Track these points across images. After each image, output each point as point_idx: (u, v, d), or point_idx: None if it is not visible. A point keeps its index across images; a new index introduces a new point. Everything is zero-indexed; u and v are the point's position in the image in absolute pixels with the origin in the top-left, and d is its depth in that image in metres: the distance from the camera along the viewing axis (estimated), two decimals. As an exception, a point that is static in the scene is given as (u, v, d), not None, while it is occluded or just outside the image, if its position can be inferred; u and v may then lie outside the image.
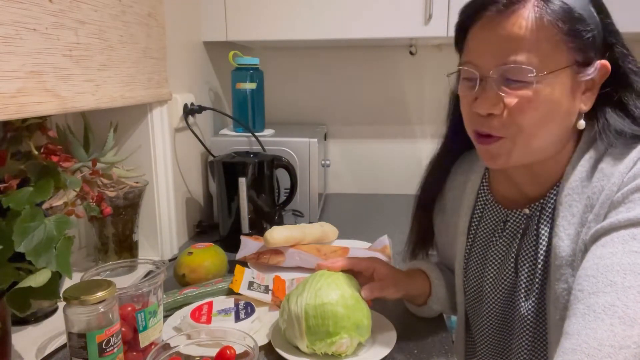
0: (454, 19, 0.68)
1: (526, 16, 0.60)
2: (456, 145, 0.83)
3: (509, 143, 0.65)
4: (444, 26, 1.29)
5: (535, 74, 0.60)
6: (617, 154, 0.63)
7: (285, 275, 0.95)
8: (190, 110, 1.23)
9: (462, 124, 0.73)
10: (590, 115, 0.66)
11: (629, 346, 0.48)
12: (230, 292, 0.87)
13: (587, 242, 0.61)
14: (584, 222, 0.63)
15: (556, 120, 0.64)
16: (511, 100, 0.62)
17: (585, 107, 0.65)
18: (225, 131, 1.40)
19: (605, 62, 0.63)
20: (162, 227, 1.11)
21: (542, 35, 0.60)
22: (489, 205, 0.78)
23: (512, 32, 0.61)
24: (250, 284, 0.87)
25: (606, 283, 0.53)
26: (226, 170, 1.13)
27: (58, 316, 0.83)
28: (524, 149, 0.65)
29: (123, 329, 0.63)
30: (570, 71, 0.62)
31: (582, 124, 0.66)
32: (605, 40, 0.64)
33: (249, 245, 1.04)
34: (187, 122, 1.22)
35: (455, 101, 0.77)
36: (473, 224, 0.80)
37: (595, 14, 0.62)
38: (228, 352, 0.59)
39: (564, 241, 0.64)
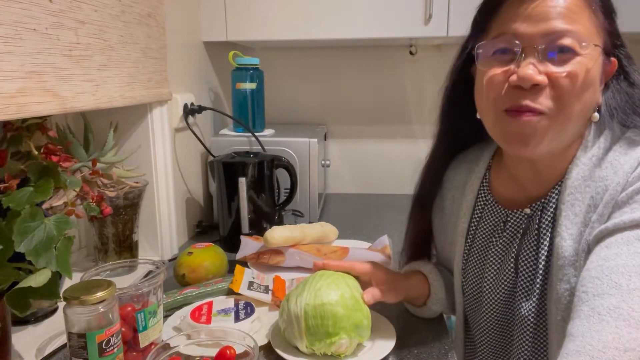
0: (454, 19, 0.67)
1: None
2: (450, 145, 0.82)
3: (546, 121, 0.62)
4: (444, 26, 1.29)
5: (585, 42, 0.60)
6: (620, 153, 0.63)
7: (285, 275, 0.95)
8: (190, 110, 1.23)
9: (458, 121, 0.73)
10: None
11: (634, 349, 0.47)
12: (230, 292, 0.87)
13: (591, 243, 0.60)
14: (587, 222, 0.63)
15: (589, 103, 0.64)
16: (559, 72, 0.60)
17: (600, 98, 0.66)
18: (225, 131, 1.40)
19: (614, 59, 0.65)
20: (162, 227, 1.11)
21: (588, 11, 0.61)
22: (488, 206, 0.78)
23: (562, 3, 0.60)
24: (250, 284, 0.87)
25: (611, 285, 0.52)
26: (226, 170, 1.13)
27: (58, 316, 0.83)
28: (558, 131, 0.63)
29: (123, 329, 0.63)
30: (602, 55, 0.63)
31: (596, 116, 0.66)
32: (613, 40, 0.65)
33: (249, 245, 1.04)
34: (187, 122, 1.22)
35: (450, 98, 0.77)
36: (472, 225, 0.80)
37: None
38: (228, 352, 0.59)
39: (567, 241, 0.64)
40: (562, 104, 0.61)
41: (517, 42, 0.62)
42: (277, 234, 1.00)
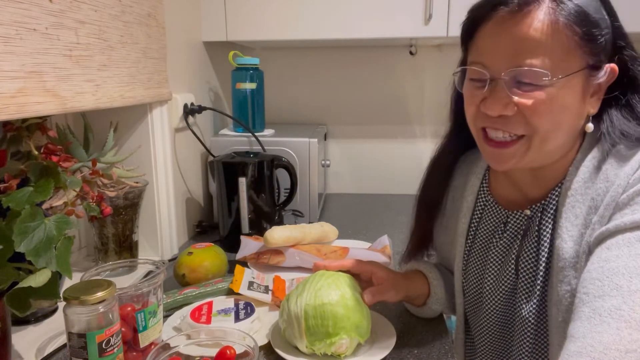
0: (454, 19, 0.67)
1: (541, 18, 0.59)
2: (458, 144, 0.82)
3: (525, 144, 0.64)
4: (444, 26, 1.29)
5: (549, 77, 0.59)
6: (621, 155, 0.63)
7: (285, 275, 0.95)
8: (190, 110, 1.23)
9: (463, 120, 0.73)
10: (595, 118, 0.66)
11: (635, 350, 0.47)
12: (230, 292, 0.87)
13: (592, 244, 0.60)
14: (588, 224, 0.62)
15: (568, 123, 0.63)
16: (525, 102, 0.61)
17: (593, 110, 0.65)
18: (225, 131, 1.40)
19: (614, 65, 0.63)
20: (162, 227, 1.11)
21: (557, 38, 0.59)
22: (489, 206, 0.78)
23: (526, 33, 0.59)
24: (250, 284, 0.87)
25: (612, 286, 0.52)
26: (226, 170, 1.13)
27: (58, 316, 0.83)
28: (537, 151, 0.64)
29: (123, 329, 0.63)
30: (582, 75, 0.61)
31: (590, 127, 0.65)
32: (615, 43, 0.63)
33: (249, 245, 1.04)
34: (187, 122, 1.22)
35: (457, 99, 0.77)
36: (472, 226, 0.80)
37: (606, 16, 0.62)
38: (228, 352, 0.59)
39: (567, 243, 0.64)
40: (534, 129, 0.62)
41: (485, 73, 0.63)
42: (277, 234, 1.00)
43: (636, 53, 0.65)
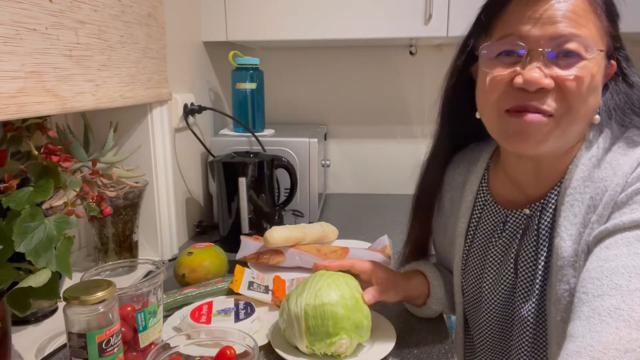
0: (454, 19, 0.67)
1: None
2: (449, 143, 0.82)
3: (552, 123, 0.62)
4: (444, 26, 1.29)
5: (591, 47, 0.60)
6: (620, 153, 0.63)
7: (285, 275, 0.95)
8: (190, 110, 1.23)
9: (455, 120, 0.73)
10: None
11: (634, 349, 0.47)
12: (230, 292, 0.87)
13: (590, 243, 0.60)
14: (587, 223, 0.62)
15: (592, 107, 0.64)
16: (567, 75, 0.60)
17: (600, 100, 0.66)
18: (225, 131, 1.40)
19: (614, 62, 0.65)
20: (162, 227, 1.11)
21: (593, 17, 0.61)
22: (488, 206, 0.78)
23: (565, 6, 0.60)
24: (250, 284, 0.87)
25: (611, 286, 0.52)
26: (226, 170, 1.13)
27: (58, 316, 0.83)
28: (561, 133, 0.63)
29: (123, 329, 0.63)
30: (604, 59, 0.63)
31: (597, 118, 0.66)
32: (614, 43, 0.66)
33: (249, 245, 1.04)
34: (187, 122, 1.22)
35: (450, 97, 0.77)
36: (472, 225, 0.80)
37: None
38: (228, 352, 0.59)
39: (566, 242, 0.64)
40: (568, 107, 0.61)
41: (522, 44, 0.62)
42: (277, 234, 1.00)
43: (629, 56, 0.68)
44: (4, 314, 0.64)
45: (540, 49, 0.60)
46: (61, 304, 0.69)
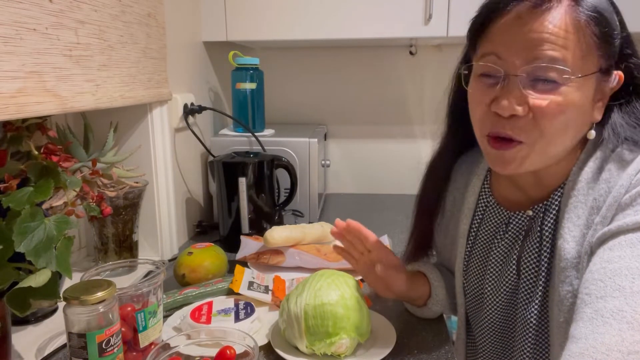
0: (454, 19, 0.66)
1: (562, 14, 0.58)
2: (456, 146, 0.82)
3: (526, 149, 0.63)
4: (444, 26, 1.29)
5: (570, 75, 0.58)
6: (624, 156, 0.62)
7: (285, 275, 0.95)
8: (190, 110, 1.23)
9: (462, 122, 0.72)
10: (597, 123, 0.66)
11: (637, 351, 0.47)
12: (230, 292, 0.87)
13: (594, 245, 0.60)
14: (590, 225, 0.62)
15: (575, 128, 0.63)
16: (540, 102, 0.59)
17: (598, 116, 0.64)
18: (225, 131, 1.40)
19: (621, 73, 0.63)
20: (162, 227, 1.11)
21: (578, 36, 0.58)
22: (490, 208, 0.78)
23: (547, 28, 0.58)
24: (250, 284, 0.87)
25: (614, 287, 0.52)
26: (226, 170, 1.13)
27: (58, 316, 0.83)
28: (539, 156, 0.64)
29: (123, 329, 0.63)
30: (595, 78, 0.61)
31: (592, 133, 0.65)
32: (622, 51, 0.63)
33: (249, 245, 1.04)
34: (187, 122, 1.22)
35: (454, 99, 0.77)
36: (474, 227, 0.80)
37: (617, 23, 0.62)
38: (228, 352, 0.59)
39: (569, 243, 0.64)
40: (542, 133, 0.61)
41: (499, 68, 0.62)
42: (277, 234, 1.00)
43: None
44: (4, 314, 0.64)
45: (517, 75, 0.60)
46: (61, 304, 0.69)
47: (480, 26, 0.65)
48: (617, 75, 0.63)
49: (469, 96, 0.68)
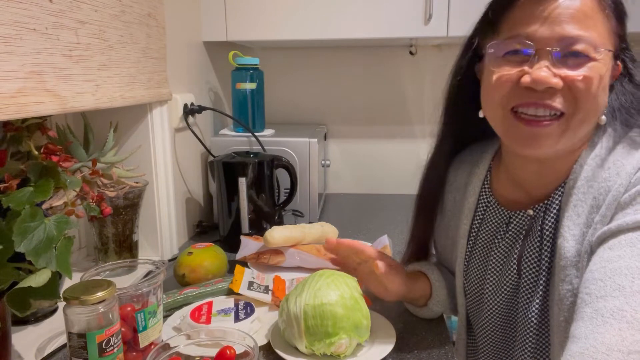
0: (454, 19, 0.66)
1: None
2: (453, 144, 0.82)
3: (564, 123, 0.62)
4: (444, 26, 1.29)
5: (598, 48, 0.60)
6: (623, 154, 0.63)
7: (285, 275, 0.95)
8: (190, 110, 1.23)
9: (461, 119, 0.72)
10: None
11: (637, 351, 0.47)
12: (230, 292, 0.87)
13: (593, 244, 0.60)
14: (590, 223, 0.62)
15: (602, 106, 0.64)
16: (576, 75, 0.60)
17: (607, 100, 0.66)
18: (225, 131, 1.40)
19: (620, 63, 0.65)
20: (162, 227, 1.11)
21: (601, 16, 0.61)
22: (490, 207, 0.78)
23: (577, 6, 0.60)
24: (250, 284, 0.87)
25: (614, 287, 0.52)
26: (226, 170, 1.13)
27: (58, 316, 0.83)
28: (573, 132, 0.63)
29: (123, 329, 0.63)
30: (612, 59, 0.63)
31: (603, 118, 0.66)
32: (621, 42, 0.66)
33: (249, 245, 1.04)
34: (187, 122, 1.22)
35: (454, 96, 0.77)
36: (474, 226, 0.80)
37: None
38: (228, 352, 0.59)
39: (569, 242, 0.64)
40: (578, 107, 0.61)
41: (530, 43, 0.61)
42: (277, 234, 1.00)
43: (634, 56, 0.67)
44: (4, 314, 0.64)
45: (549, 49, 0.60)
46: (61, 304, 0.69)
47: (505, 6, 0.65)
48: (619, 64, 0.65)
49: (487, 77, 0.67)
